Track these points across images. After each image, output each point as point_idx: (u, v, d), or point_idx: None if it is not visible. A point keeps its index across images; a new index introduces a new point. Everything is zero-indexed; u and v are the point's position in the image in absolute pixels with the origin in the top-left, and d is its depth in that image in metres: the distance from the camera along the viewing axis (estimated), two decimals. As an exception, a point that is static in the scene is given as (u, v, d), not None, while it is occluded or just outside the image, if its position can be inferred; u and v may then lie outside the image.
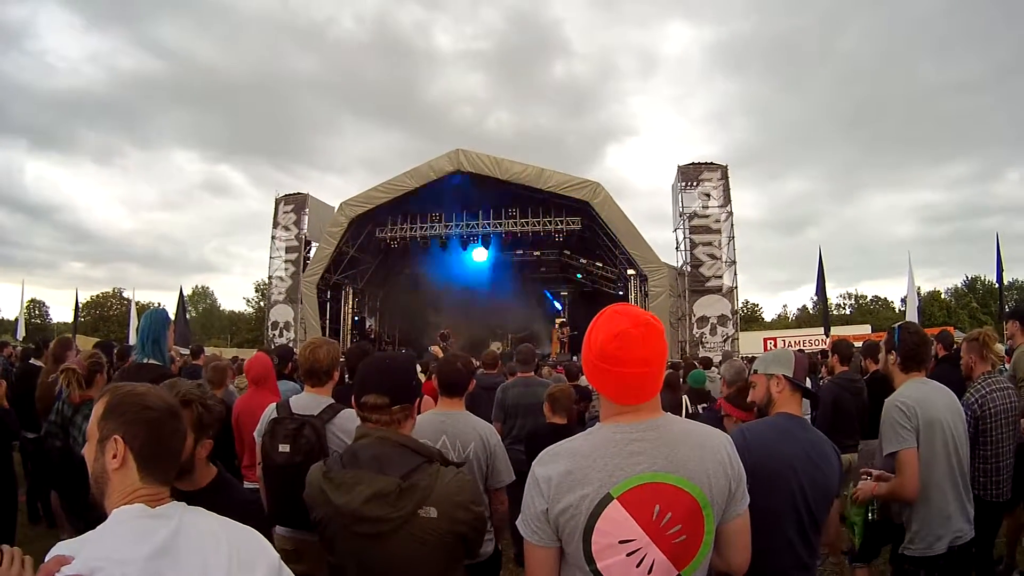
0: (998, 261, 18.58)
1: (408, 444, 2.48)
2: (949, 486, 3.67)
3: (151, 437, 1.78)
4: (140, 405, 1.80)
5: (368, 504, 2.28)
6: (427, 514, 2.31)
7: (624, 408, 1.95)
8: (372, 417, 2.53)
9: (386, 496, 2.28)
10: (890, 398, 3.78)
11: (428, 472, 2.39)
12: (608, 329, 1.91)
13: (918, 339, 3.90)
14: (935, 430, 3.63)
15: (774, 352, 3.20)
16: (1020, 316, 6.33)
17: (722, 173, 24.46)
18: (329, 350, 4.06)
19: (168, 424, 1.83)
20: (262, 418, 3.93)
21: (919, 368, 3.89)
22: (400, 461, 2.40)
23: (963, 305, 70.38)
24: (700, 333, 23.27)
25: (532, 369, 7.50)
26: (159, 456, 1.80)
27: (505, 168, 23.71)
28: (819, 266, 22.16)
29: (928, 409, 3.65)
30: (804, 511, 2.82)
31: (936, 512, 3.65)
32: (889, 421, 3.66)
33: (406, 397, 2.56)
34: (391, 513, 2.28)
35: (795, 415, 3.01)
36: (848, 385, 6.93)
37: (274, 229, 28.73)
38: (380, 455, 2.42)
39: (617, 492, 1.84)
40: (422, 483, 2.34)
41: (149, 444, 1.77)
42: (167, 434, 1.83)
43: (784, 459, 2.79)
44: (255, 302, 77.30)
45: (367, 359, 2.84)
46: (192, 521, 1.74)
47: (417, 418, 3.70)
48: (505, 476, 3.87)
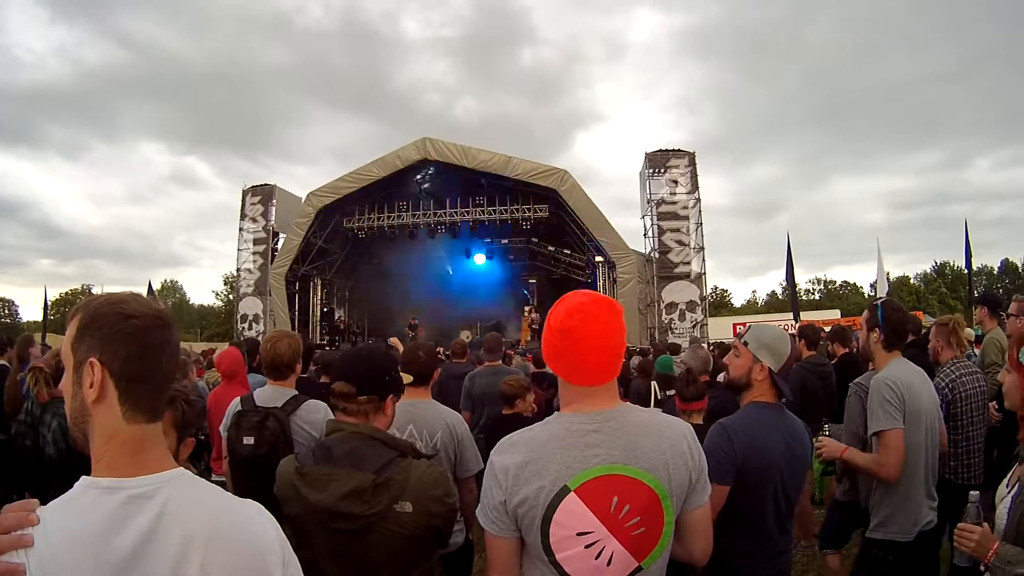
0: (967, 247, 18.81)
1: (381, 438, 2.47)
2: (923, 473, 3.67)
3: (134, 353, 1.39)
4: (120, 315, 1.40)
5: (343, 501, 2.27)
6: (402, 508, 2.30)
7: (582, 391, 1.94)
8: (340, 405, 2.54)
9: (361, 493, 2.27)
10: (878, 376, 3.69)
11: (402, 466, 2.38)
12: (566, 307, 1.92)
13: (902, 315, 3.86)
14: (920, 415, 3.60)
15: (772, 336, 3.05)
16: (989, 302, 6.40)
17: (690, 160, 24.59)
18: (290, 343, 4.05)
19: (156, 335, 1.43)
20: (227, 412, 3.92)
21: (900, 346, 3.86)
22: (374, 456, 2.39)
23: (932, 290, 71.42)
24: (669, 319, 23.39)
25: (499, 357, 7.50)
26: (146, 378, 1.41)
27: (472, 156, 23.72)
28: (788, 252, 22.28)
29: (917, 392, 3.61)
30: (783, 499, 2.83)
31: (912, 498, 3.64)
32: (877, 399, 3.58)
33: (373, 389, 2.54)
34: (367, 509, 2.26)
35: (770, 402, 2.98)
36: (815, 369, 6.97)
37: (242, 221, 28.51)
38: (353, 450, 2.41)
39: (574, 484, 1.82)
40: (397, 478, 2.33)
41: (131, 362, 1.38)
42: (155, 347, 1.42)
43: (769, 454, 2.78)
44: (224, 295, 76.91)
45: (349, 349, 2.84)
46: (177, 508, 1.33)
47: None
48: (473, 465, 3.84)
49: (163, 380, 1.45)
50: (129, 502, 1.30)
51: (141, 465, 1.36)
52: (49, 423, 4.24)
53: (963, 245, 18.99)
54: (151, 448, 1.39)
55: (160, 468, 1.37)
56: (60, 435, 4.22)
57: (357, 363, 2.65)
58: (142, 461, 1.36)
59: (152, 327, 1.41)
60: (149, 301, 1.47)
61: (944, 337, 4.68)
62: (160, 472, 1.36)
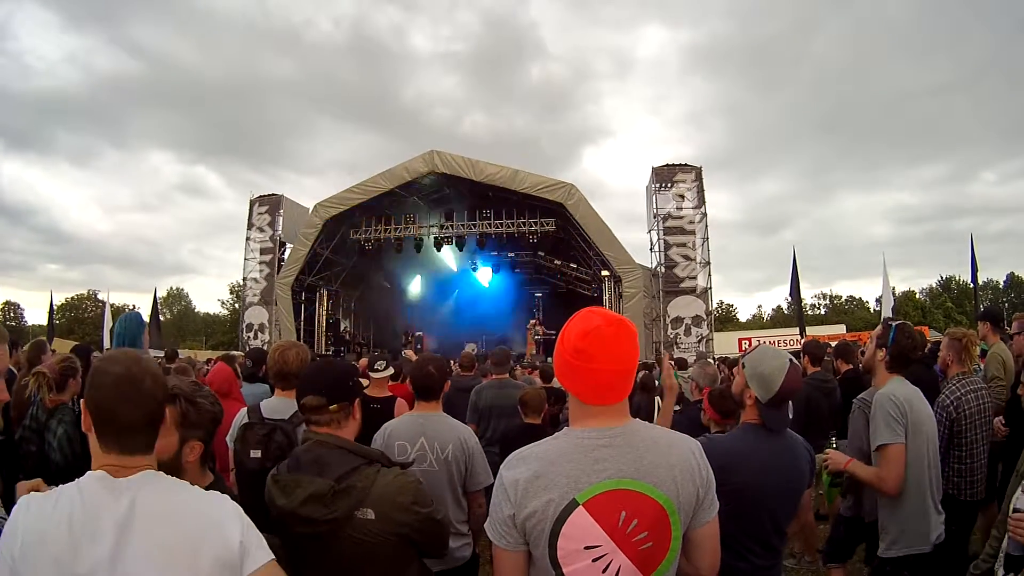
0: (972, 261, 18.79)
1: (346, 446, 2.54)
2: (928, 487, 3.69)
3: (100, 403, 1.80)
4: (98, 370, 1.84)
5: (304, 506, 2.35)
6: (364, 515, 2.38)
7: (593, 409, 1.95)
8: (312, 418, 2.61)
9: (320, 498, 2.35)
10: (882, 391, 3.74)
11: (365, 474, 2.45)
12: (582, 326, 1.92)
13: (912, 344, 3.87)
14: (923, 429, 3.64)
15: (767, 368, 2.95)
16: (992, 317, 6.41)
17: (696, 174, 24.54)
18: (298, 353, 4.04)
19: (119, 389, 1.80)
20: (233, 423, 3.92)
21: (902, 370, 3.89)
22: (338, 463, 2.46)
23: (938, 305, 71.18)
24: (675, 334, 23.35)
25: (506, 371, 7.50)
26: (109, 423, 1.81)
27: (480, 169, 23.69)
28: (793, 267, 22.34)
29: (919, 408, 3.66)
30: (767, 520, 2.84)
31: (919, 512, 3.66)
32: (881, 414, 3.62)
33: (342, 396, 2.63)
34: (326, 515, 2.34)
35: (760, 424, 2.96)
36: (820, 385, 6.97)
37: (248, 230, 28.51)
38: (319, 458, 2.49)
39: (583, 498, 1.83)
40: (358, 485, 2.40)
41: (99, 411, 1.80)
42: (116, 400, 1.79)
43: (746, 475, 2.76)
44: (230, 304, 76.86)
45: (311, 364, 2.90)
46: (147, 501, 1.76)
47: (395, 420, 3.70)
48: (483, 478, 3.84)
49: (127, 426, 1.81)
50: (111, 490, 1.75)
51: (123, 474, 1.79)
52: (55, 430, 4.22)
53: (969, 259, 18.96)
54: (130, 471, 1.80)
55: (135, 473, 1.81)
56: (66, 443, 4.21)
57: (324, 375, 2.73)
58: (123, 472, 1.79)
59: (118, 384, 1.80)
60: (129, 361, 1.87)
61: (956, 351, 4.68)
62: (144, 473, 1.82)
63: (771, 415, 2.95)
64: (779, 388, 2.90)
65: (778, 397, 2.91)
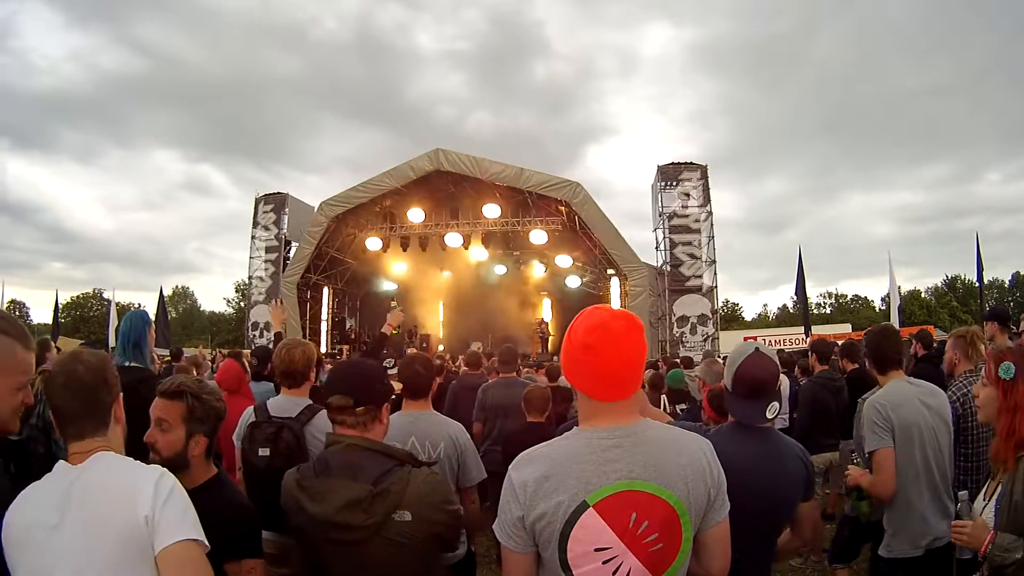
0: (978, 260, 18.71)
1: (378, 448, 2.51)
2: (925, 488, 3.68)
3: (51, 402, 2.07)
4: (48, 376, 2.14)
5: (342, 512, 2.31)
6: (401, 518, 2.34)
7: (602, 406, 1.94)
8: (338, 418, 2.57)
9: (359, 503, 2.31)
10: (869, 399, 3.79)
11: (399, 475, 2.41)
12: (589, 322, 1.92)
13: (879, 338, 3.93)
14: (912, 432, 3.63)
15: (733, 355, 2.97)
16: (998, 316, 6.40)
17: (702, 173, 24.49)
18: (305, 351, 4.06)
19: (57, 384, 2.05)
20: (240, 422, 3.92)
21: (895, 367, 3.88)
22: (371, 466, 2.42)
23: (943, 304, 70.92)
24: (680, 333, 23.31)
25: (513, 369, 7.51)
26: (59, 417, 2.07)
27: (485, 168, 23.61)
28: (799, 265, 22.21)
29: (906, 412, 3.65)
30: (752, 526, 2.70)
31: (912, 514, 3.67)
32: (867, 421, 3.68)
33: (370, 399, 2.58)
34: (365, 520, 2.30)
35: (747, 426, 2.87)
36: (827, 384, 6.98)
37: (254, 229, 28.47)
38: (351, 462, 2.45)
39: (593, 500, 1.83)
40: (394, 487, 2.36)
41: (53, 410, 2.08)
42: (59, 395, 2.05)
43: (730, 474, 2.70)
44: (235, 302, 76.84)
45: (338, 363, 2.86)
46: (85, 481, 1.93)
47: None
48: (475, 474, 3.87)
49: (70, 416, 2.03)
50: (63, 476, 1.96)
51: (82, 458, 1.99)
52: None
53: (974, 259, 18.91)
54: (85, 456, 1.99)
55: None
56: None
57: (351, 376, 2.69)
58: (83, 457, 1.99)
59: (55, 378, 2.06)
60: (67, 355, 2.16)
61: (962, 349, 4.67)
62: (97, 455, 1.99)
63: (737, 406, 2.90)
64: (736, 370, 2.85)
65: (740, 383, 2.84)
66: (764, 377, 2.81)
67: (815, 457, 6.97)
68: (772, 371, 2.83)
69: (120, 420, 2.14)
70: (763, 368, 2.81)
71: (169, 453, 2.63)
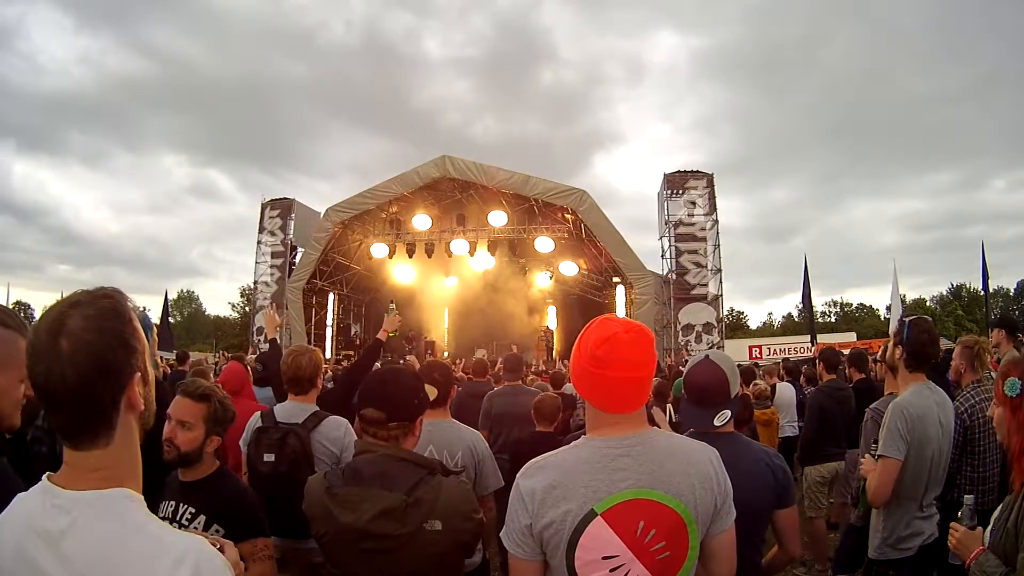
0: (983, 269, 18.63)
1: (410, 459, 2.50)
2: (924, 496, 3.69)
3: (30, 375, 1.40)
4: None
5: (375, 521, 2.30)
6: (432, 527, 2.33)
7: (610, 417, 1.95)
8: (370, 431, 2.54)
9: (393, 512, 2.30)
10: (897, 401, 3.70)
11: (431, 485, 2.41)
12: (599, 333, 1.93)
13: (928, 338, 3.78)
14: (926, 448, 3.61)
15: (687, 364, 3.03)
16: (1006, 325, 6.38)
17: (708, 181, 24.49)
18: (312, 358, 4.07)
19: (36, 354, 1.34)
20: (247, 427, 3.93)
21: (924, 367, 3.82)
22: (403, 476, 2.41)
23: (948, 312, 70.66)
24: (685, 341, 23.25)
25: (519, 377, 7.50)
26: (44, 402, 1.36)
27: (491, 175, 23.64)
28: (804, 274, 22.25)
29: (927, 424, 3.62)
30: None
31: (909, 520, 3.68)
32: (891, 424, 3.59)
33: (404, 415, 2.55)
34: (399, 529, 2.29)
35: (704, 432, 2.79)
36: (835, 393, 6.97)
37: (260, 234, 28.51)
38: (384, 471, 2.43)
39: (601, 508, 1.84)
40: (427, 497, 2.36)
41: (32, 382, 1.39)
42: (38, 373, 1.34)
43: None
44: (240, 307, 76.86)
45: (374, 372, 2.84)
46: (80, 541, 1.29)
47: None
48: (492, 482, 3.86)
49: (50, 403, 1.34)
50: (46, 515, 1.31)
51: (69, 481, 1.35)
52: None
53: (979, 267, 18.83)
54: (80, 480, 1.34)
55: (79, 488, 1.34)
56: None
57: (387, 389, 2.61)
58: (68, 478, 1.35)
59: (34, 347, 1.36)
60: (54, 318, 1.37)
61: (968, 359, 4.65)
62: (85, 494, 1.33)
63: (688, 410, 2.94)
64: (685, 377, 2.92)
65: (688, 390, 2.89)
66: (708, 383, 2.83)
67: (821, 467, 6.98)
68: (718, 378, 2.84)
69: (137, 407, 1.41)
70: (708, 375, 2.85)
71: (188, 449, 2.87)
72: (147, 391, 1.43)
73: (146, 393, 1.43)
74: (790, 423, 9.82)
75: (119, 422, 1.37)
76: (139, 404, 1.40)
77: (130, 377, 1.37)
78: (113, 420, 1.36)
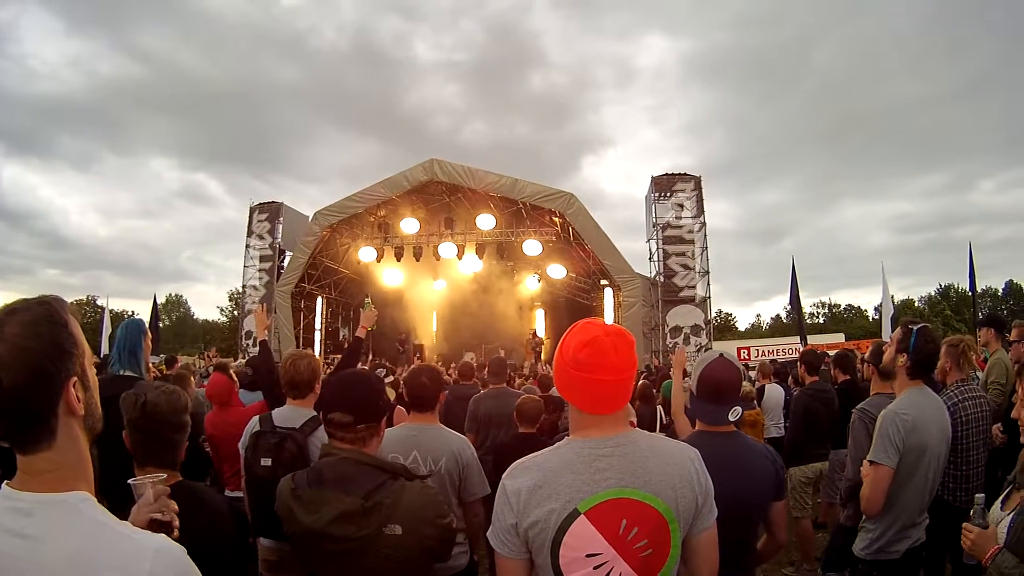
0: (971, 269, 18.67)
1: (371, 462, 2.53)
2: (917, 502, 3.70)
3: None
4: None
5: (333, 524, 2.33)
6: (392, 531, 2.35)
7: (593, 419, 1.98)
8: (338, 434, 2.58)
9: (351, 516, 2.33)
10: (891, 407, 3.67)
11: (392, 489, 2.43)
12: (581, 337, 1.96)
13: (934, 348, 3.76)
14: (923, 453, 3.60)
15: (696, 362, 3.12)
16: (995, 323, 6.44)
17: (695, 184, 24.59)
18: (310, 363, 4.09)
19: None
20: (245, 431, 3.95)
21: (923, 377, 3.79)
22: (364, 480, 2.44)
23: (937, 313, 70.85)
24: (673, 343, 23.28)
25: (503, 380, 7.53)
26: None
27: (479, 178, 23.68)
28: (792, 276, 22.30)
29: (923, 432, 3.60)
30: (726, 524, 2.82)
31: (900, 525, 3.67)
32: (884, 431, 3.57)
33: (371, 416, 2.61)
34: (356, 532, 2.32)
35: (714, 430, 2.98)
36: (819, 395, 7.02)
37: (248, 238, 28.50)
38: (344, 474, 2.46)
39: (584, 507, 1.87)
40: (386, 501, 2.38)
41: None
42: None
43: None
44: (229, 311, 76.64)
45: (337, 375, 2.86)
46: (54, 537, 1.30)
47: (387, 432, 3.74)
48: (479, 489, 3.85)
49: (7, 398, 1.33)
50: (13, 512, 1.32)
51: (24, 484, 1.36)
52: None
53: (967, 267, 18.89)
54: (32, 480, 1.35)
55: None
56: None
57: (352, 392, 2.67)
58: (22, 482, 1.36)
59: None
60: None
61: (953, 358, 4.68)
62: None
63: (701, 407, 3.01)
64: (700, 374, 2.98)
65: (703, 387, 2.97)
66: (726, 380, 2.94)
67: (806, 467, 7.03)
68: (734, 375, 2.97)
69: (76, 411, 1.40)
70: (725, 372, 2.95)
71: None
72: (88, 396, 1.44)
73: (87, 398, 1.43)
74: (776, 424, 9.86)
75: (59, 425, 1.37)
76: (77, 408, 1.40)
77: (65, 382, 1.38)
78: (52, 424, 1.36)
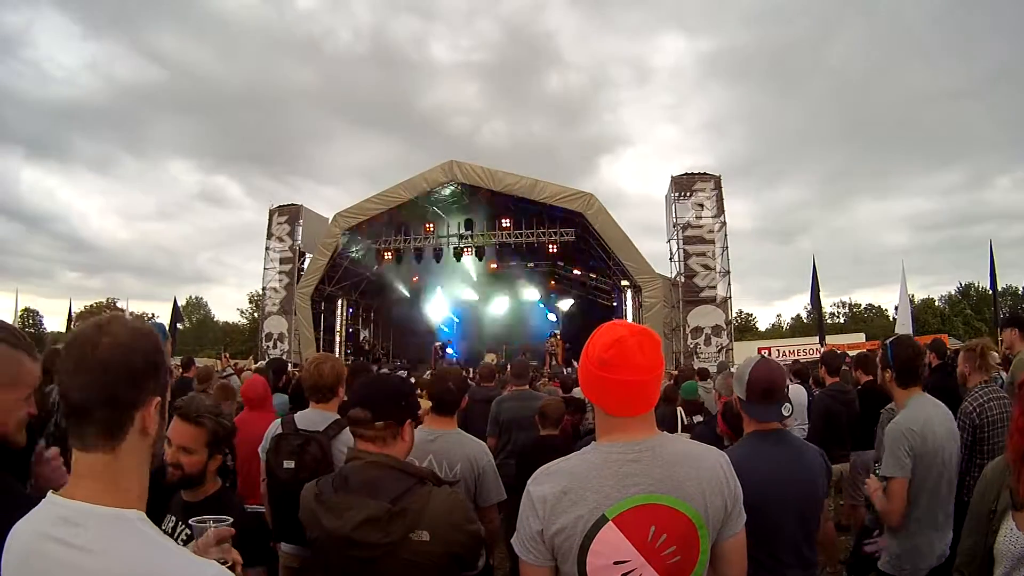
0: (991, 267, 18.49)
1: (398, 466, 2.50)
2: (939, 512, 3.67)
3: (60, 379, 1.39)
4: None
5: (359, 529, 2.30)
6: (419, 537, 2.32)
7: (619, 421, 1.96)
8: (358, 432, 2.57)
9: (377, 521, 2.30)
10: (896, 421, 3.67)
11: (419, 494, 2.40)
12: (607, 337, 1.93)
13: (911, 352, 3.80)
14: (935, 459, 3.57)
15: (740, 369, 3.16)
16: (1019, 323, 6.35)
17: (715, 183, 24.51)
18: (333, 366, 4.07)
19: (71, 356, 1.36)
20: (266, 434, 3.95)
21: (916, 382, 3.84)
22: (391, 484, 2.41)
23: (957, 312, 70.22)
24: (694, 344, 23.26)
25: (526, 382, 7.51)
26: (65, 403, 1.37)
27: (499, 179, 23.72)
28: (813, 275, 22.16)
29: (931, 438, 3.57)
30: (795, 526, 2.86)
31: (922, 539, 3.63)
32: (892, 445, 3.58)
33: (389, 414, 2.56)
34: (382, 538, 2.29)
35: (765, 430, 3.02)
36: (839, 396, 6.98)
37: (268, 240, 28.72)
38: (371, 479, 2.43)
39: (612, 514, 1.85)
40: (413, 507, 2.35)
41: (60, 388, 1.40)
42: (68, 373, 1.35)
43: (749, 485, 2.42)
44: (249, 313, 76.92)
45: (366, 376, 2.86)
46: (110, 553, 1.26)
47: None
48: (494, 495, 3.84)
49: (72, 407, 1.34)
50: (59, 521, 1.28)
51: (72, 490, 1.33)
52: None
53: (987, 266, 18.72)
54: (83, 487, 1.32)
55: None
56: None
57: (372, 389, 2.68)
58: (72, 487, 1.34)
59: (70, 349, 1.36)
60: (90, 323, 1.40)
61: (972, 362, 4.65)
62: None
63: (754, 408, 3.03)
64: (748, 377, 3.00)
65: (753, 389, 2.99)
66: (773, 378, 2.99)
67: (827, 469, 6.99)
68: (779, 373, 3.06)
69: (149, 432, 1.39)
70: (772, 370, 3.02)
71: (192, 471, 2.83)
72: (161, 425, 1.42)
73: (159, 425, 1.41)
74: (800, 425, 9.79)
75: (129, 433, 1.35)
76: (151, 427, 1.38)
77: (150, 396, 1.37)
78: (125, 426, 1.34)
